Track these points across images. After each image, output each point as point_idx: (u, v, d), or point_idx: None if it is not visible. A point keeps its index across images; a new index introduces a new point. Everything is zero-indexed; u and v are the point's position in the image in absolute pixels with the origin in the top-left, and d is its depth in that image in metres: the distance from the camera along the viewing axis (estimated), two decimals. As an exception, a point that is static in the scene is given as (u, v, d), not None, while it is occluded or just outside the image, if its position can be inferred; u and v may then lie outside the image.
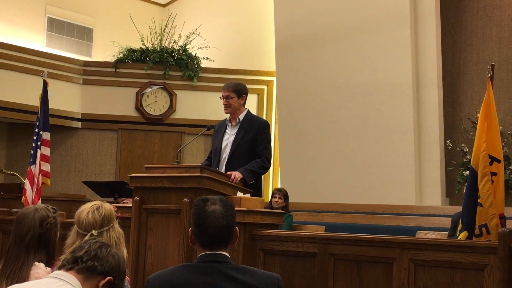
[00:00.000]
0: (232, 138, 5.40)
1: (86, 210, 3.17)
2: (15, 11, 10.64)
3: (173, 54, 11.03)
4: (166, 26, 11.28)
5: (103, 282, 2.26)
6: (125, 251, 3.16)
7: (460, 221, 4.26)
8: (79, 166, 10.88)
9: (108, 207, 3.19)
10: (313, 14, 9.37)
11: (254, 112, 9.57)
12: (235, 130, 5.42)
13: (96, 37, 11.59)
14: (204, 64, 11.05)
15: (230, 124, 5.48)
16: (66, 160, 10.86)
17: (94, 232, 3.07)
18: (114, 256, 2.29)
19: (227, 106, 5.40)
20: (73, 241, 3.12)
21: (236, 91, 5.40)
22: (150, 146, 10.98)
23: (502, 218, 4.02)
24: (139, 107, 10.92)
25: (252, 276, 2.64)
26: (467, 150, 8.33)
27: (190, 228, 2.73)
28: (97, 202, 3.22)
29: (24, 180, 6.88)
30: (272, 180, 10.67)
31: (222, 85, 5.73)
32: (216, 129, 5.59)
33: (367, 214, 8.24)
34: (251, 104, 10.39)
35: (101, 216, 3.11)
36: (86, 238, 3.05)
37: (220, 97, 5.45)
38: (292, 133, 9.63)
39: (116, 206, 3.40)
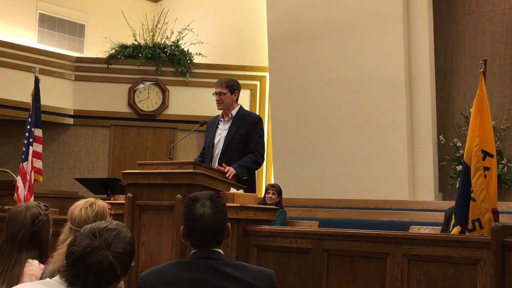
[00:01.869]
0: (224, 133, 5.39)
1: (79, 207, 3.16)
2: (6, 7, 10.58)
3: (165, 50, 11.00)
4: (158, 21, 11.25)
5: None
6: None
7: (453, 216, 4.26)
8: (72, 163, 10.85)
9: (101, 204, 3.18)
10: (305, 10, 9.36)
11: (247, 107, 9.58)
12: (227, 126, 5.42)
13: (88, 33, 11.54)
14: (196, 59, 11.03)
15: (222, 119, 5.48)
16: (59, 156, 10.82)
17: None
18: (105, 268, 2.09)
19: (219, 103, 5.39)
20: (65, 238, 3.11)
21: (229, 87, 5.38)
22: (142, 143, 10.96)
23: (495, 213, 4.02)
24: (131, 103, 10.89)
25: (246, 272, 2.64)
26: (460, 145, 8.34)
27: (182, 227, 2.74)
28: (90, 199, 3.21)
29: (16, 177, 6.85)
30: (266, 176, 10.67)
31: (215, 80, 5.72)
32: (208, 125, 5.58)
33: (360, 209, 8.25)
34: (244, 99, 10.38)
35: (94, 213, 3.11)
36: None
37: (213, 94, 5.44)
38: (285, 128, 9.63)
39: (109, 203, 3.39)
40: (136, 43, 11.04)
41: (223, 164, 4.99)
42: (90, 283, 2.10)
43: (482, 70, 4.24)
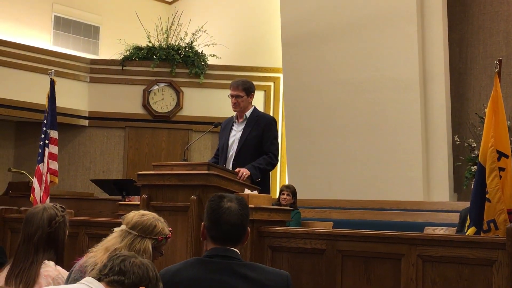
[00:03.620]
0: (239, 134, 5.40)
1: (137, 212, 3.12)
2: (21, 10, 10.66)
3: (179, 51, 11.04)
4: (172, 23, 11.29)
5: None
6: None
7: (468, 217, 4.25)
8: (87, 164, 10.91)
9: (154, 222, 3.06)
10: (319, 11, 9.35)
11: (261, 108, 9.57)
12: (242, 127, 5.42)
13: (102, 35, 11.61)
14: (210, 61, 11.05)
15: (237, 121, 5.48)
16: (74, 158, 10.89)
17: (123, 226, 3.03)
18: (139, 266, 2.24)
19: (236, 105, 5.38)
20: (113, 237, 3.08)
21: (246, 90, 5.38)
22: (157, 144, 11.00)
23: (511, 214, 4.00)
24: (146, 105, 10.94)
25: (261, 273, 2.65)
26: (475, 145, 8.30)
27: (203, 223, 2.74)
28: (152, 214, 3.13)
29: (32, 178, 6.90)
30: (280, 177, 10.68)
31: (229, 82, 5.72)
32: (223, 126, 5.59)
33: (375, 210, 8.23)
34: (258, 100, 10.39)
35: (139, 220, 3.04)
36: (117, 229, 3.03)
37: (229, 95, 5.43)
38: (299, 129, 9.63)
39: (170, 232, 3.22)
40: (150, 45, 11.08)
41: (237, 169, 5.00)
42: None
43: (497, 70, 4.23)
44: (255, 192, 4.65)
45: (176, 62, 10.95)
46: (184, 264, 2.72)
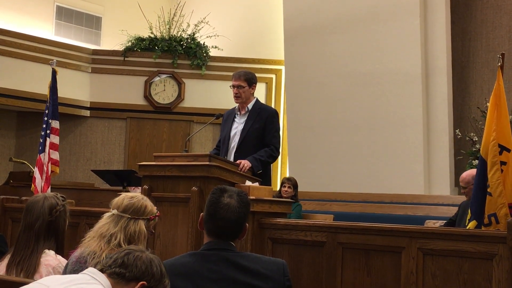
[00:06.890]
0: (241, 127, 5.39)
1: (123, 195, 3.19)
2: (24, 0, 10.64)
3: (181, 42, 11.02)
4: (174, 14, 11.27)
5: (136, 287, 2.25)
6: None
7: (469, 211, 4.25)
8: (88, 155, 10.92)
9: (144, 203, 3.14)
10: (322, 3, 9.33)
11: (262, 101, 9.58)
12: (244, 119, 5.41)
13: (104, 25, 11.59)
14: (212, 53, 11.04)
15: (239, 113, 5.47)
16: (75, 148, 10.90)
17: (114, 211, 3.08)
18: (143, 261, 2.25)
19: (237, 96, 5.37)
20: (102, 223, 3.13)
21: (247, 80, 5.37)
22: (158, 135, 11.00)
23: (512, 208, 4.00)
24: (147, 96, 10.93)
25: (257, 263, 2.67)
26: (476, 139, 8.29)
27: (202, 213, 2.75)
28: (139, 196, 3.20)
29: (34, 168, 6.90)
30: (281, 169, 10.68)
31: (230, 74, 5.71)
32: (224, 118, 5.58)
33: (376, 203, 8.24)
34: (259, 93, 10.38)
35: (130, 203, 3.11)
36: (106, 214, 3.08)
37: (231, 86, 5.42)
38: (301, 122, 9.62)
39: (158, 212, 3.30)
40: (152, 36, 11.07)
41: (238, 160, 5.00)
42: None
43: (499, 64, 4.21)
44: (256, 184, 4.65)
45: (178, 54, 10.94)
46: (180, 257, 2.73)
